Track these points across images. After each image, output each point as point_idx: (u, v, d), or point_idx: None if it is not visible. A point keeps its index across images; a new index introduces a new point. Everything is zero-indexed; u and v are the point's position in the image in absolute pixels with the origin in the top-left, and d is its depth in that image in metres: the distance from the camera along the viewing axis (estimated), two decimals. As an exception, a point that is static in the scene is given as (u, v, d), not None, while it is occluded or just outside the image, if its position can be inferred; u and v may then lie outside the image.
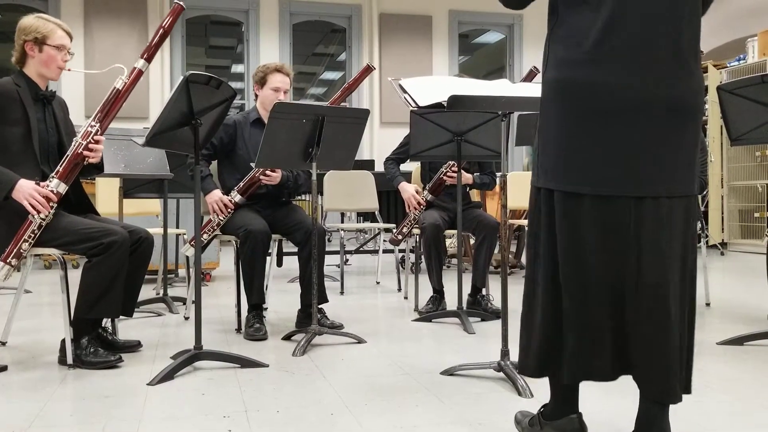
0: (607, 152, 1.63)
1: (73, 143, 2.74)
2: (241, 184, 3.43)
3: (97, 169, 2.94)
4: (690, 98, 1.65)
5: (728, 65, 7.75)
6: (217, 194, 3.41)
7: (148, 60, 2.82)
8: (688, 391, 1.68)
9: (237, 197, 3.42)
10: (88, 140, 2.73)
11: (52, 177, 2.69)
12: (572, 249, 1.66)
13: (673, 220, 1.64)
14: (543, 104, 1.74)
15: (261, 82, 3.59)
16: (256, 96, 3.65)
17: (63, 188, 2.69)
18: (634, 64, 1.61)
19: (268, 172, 3.42)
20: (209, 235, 3.44)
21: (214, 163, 3.68)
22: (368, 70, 3.62)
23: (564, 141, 1.67)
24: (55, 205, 2.67)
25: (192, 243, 3.52)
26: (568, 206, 1.66)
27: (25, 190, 2.61)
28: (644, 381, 1.65)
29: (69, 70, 2.90)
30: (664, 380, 1.62)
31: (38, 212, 2.60)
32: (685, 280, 1.67)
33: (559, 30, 1.70)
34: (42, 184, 2.66)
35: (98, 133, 2.76)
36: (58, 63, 2.84)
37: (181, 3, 2.81)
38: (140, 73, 2.80)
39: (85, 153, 2.72)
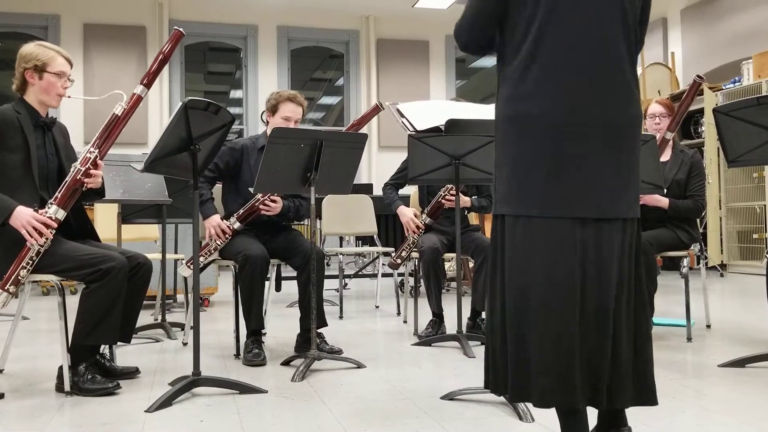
0: (552, 176, 1.72)
1: (71, 169, 2.74)
2: (241, 211, 3.42)
3: (98, 194, 2.94)
4: (624, 120, 1.75)
5: (724, 87, 7.80)
6: (216, 219, 3.41)
7: (147, 86, 2.83)
8: (650, 401, 1.74)
9: (236, 224, 3.42)
10: (86, 166, 2.73)
11: (51, 203, 2.69)
12: (519, 269, 1.73)
13: (612, 242, 1.72)
14: (496, 138, 1.88)
15: (273, 109, 3.57)
16: (267, 122, 3.64)
17: (62, 215, 2.69)
18: (567, 92, 1.72)
19: (268, 203, 3.40)
20: (206, 258, 3.43)
21: (218, 187, 3.68)
22: (377, 109, 3.63)
23: (514, 169, 1.78)
24: (54, 232, 2.66)
25: (189, 264, 3.51)
26: (517, 229, 1.75)
27: (23, 217, 2.60)
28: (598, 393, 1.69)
29: (69, 96, 2.91)
30: (610, 389, 1.69)
31: (35, 241, 2.60)
32: (630, 302, 1.74)
33: (504, 70, 1.86)
34: (40, 211, 2.66)
35: (97, 158, 2.76)
36: (57, 90, 2.85)
37: (181, 29, 2.83)
38: (139, 98, 2.82)
39: (84, 179, 2.73)
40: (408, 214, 4.06)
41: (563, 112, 1.72)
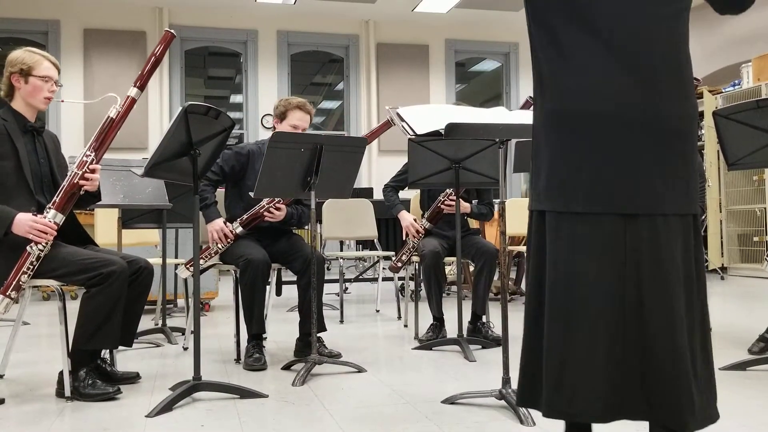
0: (598, 171, 1.61)
1: (68, 173, 2.75)
2: (245, 216, 3.42)
3: (95, 198, 2.94)
4: (679, 118, 1.63)
5: (723, 91, 7.81)
6: (218, 223, 3.41)
7: (141, 88, 2.83)
8: (712, 419, 1.61)
9: (239, 229, 3.42)
10: (83, 170, 2.73)
11: (49, 208, 2.69)
12: (563, 271, 1.61)
13: (671, 240, 1.60)
14: (535, 130, 1.74)
15: (281, 116, 3.57)
16: (274, 128, 3.64)
17: (60, 219, 2.69)
18: (612, 83, 1.60)
19: (272, 210, 3.41)
20: (206, 260, 3.43)
21: (221, 191, 3.68)
22: (387, 125, 3.60)
23: (555, 163, 1.65)
24: (53, 236, 2.66)
25: (188, 266, 3.51)
26: (560, 226, 1.63)
27: (25, 222, 2.61)
28: (655, 408, 1.58)
29: (62, 101, 2.92)
30: (675, 407, 1.56)
31: (43, 240, 2.60)
32: (693, 306, 1.62)
33: (542, 63, 1.70)
34: (39, 216, 2.66)
35: (93, 162, 2.76)
36: (44, 93, 2.85)
37: (172, 31, 2.83)
38: (133, 101, 2.82)
39: (81, 182, 2.73)
40: (408, 218, 4.07)
41: (608, 105, 1.61)
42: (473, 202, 4.11)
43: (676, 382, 1.57)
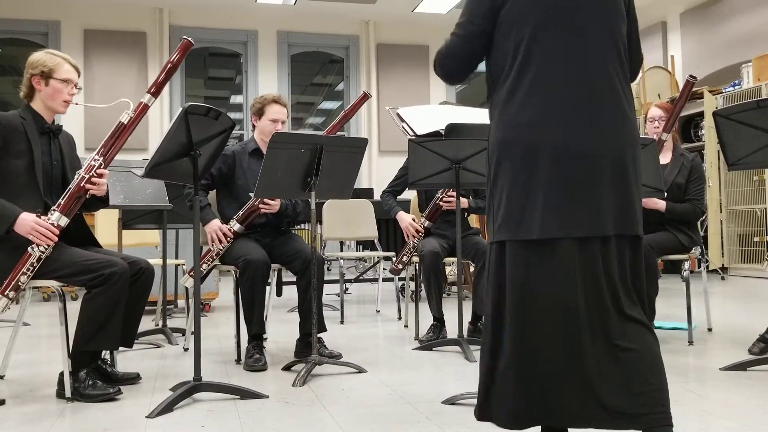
0: (548, 200, 1.72)
1: (75, 176, 2.75)
2: (240, 212, 3.43)
3: (102, 202, 2.95)
4: (619, 139, 1.76)
5: (724, 91, 7.80)
6: (216, 223, 3.41)
7: (155, 95, 2.85)
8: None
9: (236, 226, 3.42)
10: (91, 174, 2.74)
11: (54, 210, 2.69)
12: (521, 292, 1.73)
13: (621, 258, 1.74)
14: (488, 164, 1.85)
15: (258, 113, 3.63)
16: (254, 127, 3.68)
17: (64, 221, 2.69)
18: (557, 114, 1.74)
19: (267, 201, 3.42)
20: (208, 264, 3.44)
21: (213, 193, 3.68)
22: (365, 97, 3.66)
23: (509, 194, 1.77)
24: (54, 241, 2.66)
25: (191, 274, 3.51)
26: (517, 253, 1.75)
27: (27, 223, 2.61)
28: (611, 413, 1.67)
29: (76, 103, 2.93)
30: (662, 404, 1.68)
31: (43, 243, 2.60)
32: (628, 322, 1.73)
33: (494, 96, 1.85)
34: (43, 217, 2.66)
35: (101, 166, 2.77)
36: (64, 96, 2.86)
37: (189, 39, 2.83)
38: (146, 107, 2.83)
39: (88, 186, 2.74)
40: (407, 219, 4.07)
41: (554, 135, 1.73)
42: (469, 197, 4.10)
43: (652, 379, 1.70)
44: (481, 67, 1.95)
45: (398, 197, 4.25)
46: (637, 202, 1.79)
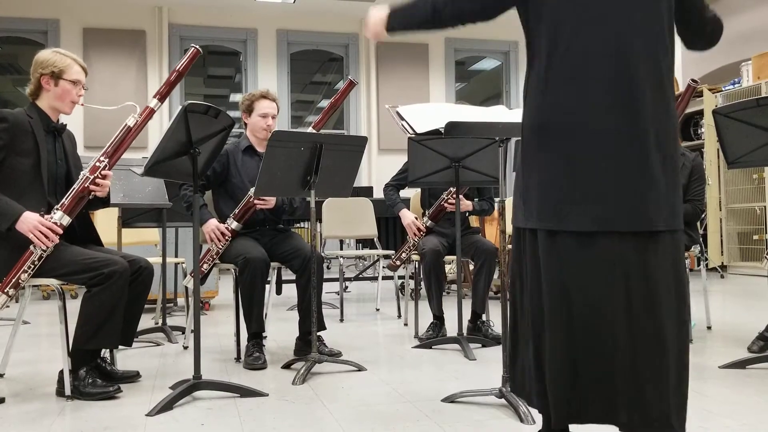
0: (588, 190, 1.65)
1: (80, 177, 2.75)
2: (237, 210, 3.43)
3: (103, 203, 2.96)
4: (662, 132, 1.68)
5: (723, 89, 7.81)
6: (213, 223, 3.41)
7: (161, 99, 2.87)
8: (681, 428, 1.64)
9: (233, 224, 3.42)
10: (95, 175, 2.74)
11: (56, 209, 2.70)
12: (558, 286, 1.67)
13: (660, 255, 1.64)
14: (522, 148, 1.79)
15: (248, 110, 3.65)
16: (245, 124, 3.69)
17: (66, 221, 2.70)
18: (595, 100, 1.65)
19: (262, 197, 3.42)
20: (209, 264, 3.43)
21: (209, 193, 3.68)
22: (351, 85, 3.65)
23: (546, 182, 1.70)
24: (58, 237, 2.67)
25: (192, 274, 3.51)
26: (551, 244, 1.68)
27: (30, 222, 2.61)
28: (636, 410, 1.63)
29: (82, 104, 2.94)
30: (658, 407, 1.62)
31: (42, 244, 2.60)
32: (679, 320, 1.66)
33: (531, 79, 1.77)
34: (46, 216, 2.66)
35: (106, 168, 2.78)
36: (72, 97, 2.87)
37: (198, 48, 2.85)
38: (152, 111, 2.87)
39: (92, 187, 2.74)
40: (409, 217, 4.07)
41: (592, 121, 1.65)
42: (475, 200, 4.11)
43: (660, 387, 1.63)
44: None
45: (401, 194, 4.25)
46: (679, 193, 1.70)
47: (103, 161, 2.77)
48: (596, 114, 1.65)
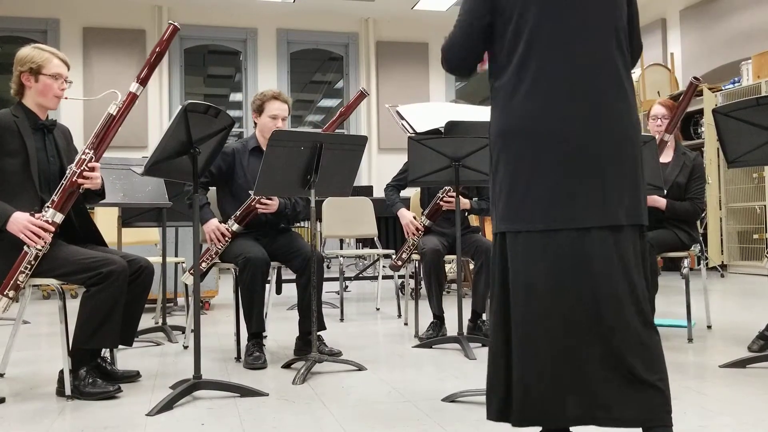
0: (551, 190, 1.71)
1: (67, 172, 2.74)
2: (238, 212, 3.42)
3: (98, 195, 2.94)
4: (625, 128, 1.76)
5: (723, 88, 7.80)
6: (214, 223, 3.40)
7: (143, 83, 2.82)
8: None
9: (234, 226, 3.41)
10: (81, 168, 2.72)
11: (47, 207, 2.68)
12: (524, 286, 1.72)
13: (621, 249, 1.70)
14: (490, 154, 1.85)
15: (259, 110, 3.60)
16: (255, 124, 3.66)
17: (59, 218, 2.68)
18: (559, 103, 1.73)
19: (264, 201, 3.40)
20: (208, 263, 3.43)
21: (213, 191, 3.68)
22: (362, 96, 3.65)
23: (512, 184, 1.76)
24: (52, 236, 2.66)
25: (191, 272, 3.51)
26: (518, 245, 1.74)
27: (20, 222, 2.59)
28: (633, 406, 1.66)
29: (66, 98, 2.90)
30: (658, 398, 1.67)
31: (35, 244, 2.60)
32: (639, 307, 1.70)
33: (495, 86, 1.84)
34: (37, 215, 2.65)
35: (92, 160, 2.75)
36: (54, 92, 2.84)
37: (176, 23, 2.81)
38: (135, 97, 2.80)
39: (80, 181, 2.72)
40: (408, 216, 4.07)
41: (556, 124, 1.72)
42: (473, 199, 4.11)
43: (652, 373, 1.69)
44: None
45: (401, 194, 4.25)
46: (642, 189, 1.77)
47: (89, 153, 2.75)
48: (560, 118, 1.72)
